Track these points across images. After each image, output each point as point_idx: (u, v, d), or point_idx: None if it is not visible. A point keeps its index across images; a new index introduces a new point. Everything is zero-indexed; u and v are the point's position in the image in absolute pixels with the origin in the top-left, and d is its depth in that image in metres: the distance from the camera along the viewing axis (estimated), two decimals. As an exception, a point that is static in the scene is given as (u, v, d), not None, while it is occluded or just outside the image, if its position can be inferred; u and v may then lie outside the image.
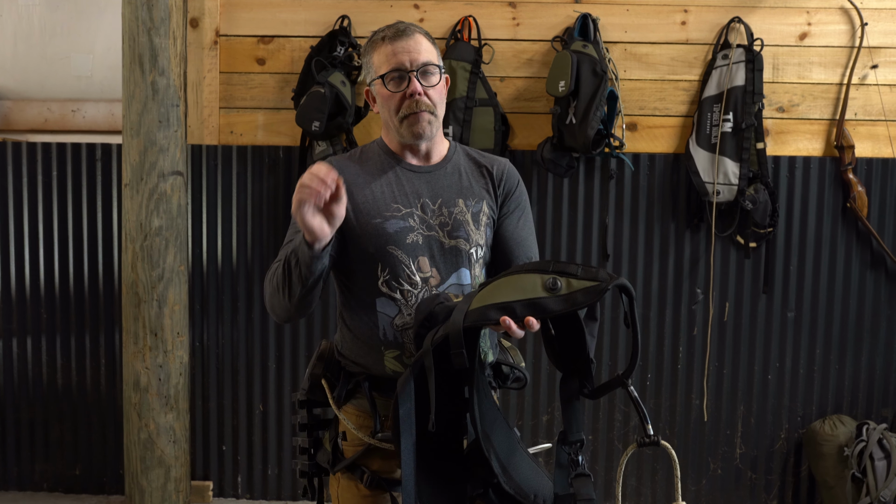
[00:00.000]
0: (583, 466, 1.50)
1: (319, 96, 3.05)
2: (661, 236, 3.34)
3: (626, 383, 1.45)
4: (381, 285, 1.69)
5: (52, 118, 3.48)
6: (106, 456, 3.45)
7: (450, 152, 1.83)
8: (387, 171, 1.77)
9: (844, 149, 3.26)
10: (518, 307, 1.41)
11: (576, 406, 1.53)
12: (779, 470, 3.40)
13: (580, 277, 1.40)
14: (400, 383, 1.48)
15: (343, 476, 1.79)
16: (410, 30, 1.73)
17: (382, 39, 1.73)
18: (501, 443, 1.55)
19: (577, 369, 1.52)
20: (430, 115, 1.72)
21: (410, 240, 1.70)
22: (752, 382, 3.37)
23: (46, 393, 3.45)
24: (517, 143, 3.29)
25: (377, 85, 1.74)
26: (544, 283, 1.41)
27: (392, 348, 1.70)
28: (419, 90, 1.70)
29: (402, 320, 1.68)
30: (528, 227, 1.85)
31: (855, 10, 3.28)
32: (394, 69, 1.71)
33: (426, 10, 3.30)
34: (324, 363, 1.82)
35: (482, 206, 1.77)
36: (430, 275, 1.70)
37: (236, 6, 3.32)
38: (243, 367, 3.39)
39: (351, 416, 1.77)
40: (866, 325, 3.36)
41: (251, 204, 3.35)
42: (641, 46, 3.31)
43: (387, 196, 1.73)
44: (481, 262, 1.76)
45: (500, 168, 1.83)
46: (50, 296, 3.42)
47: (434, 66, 1.72)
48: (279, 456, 3.42)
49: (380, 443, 1.69)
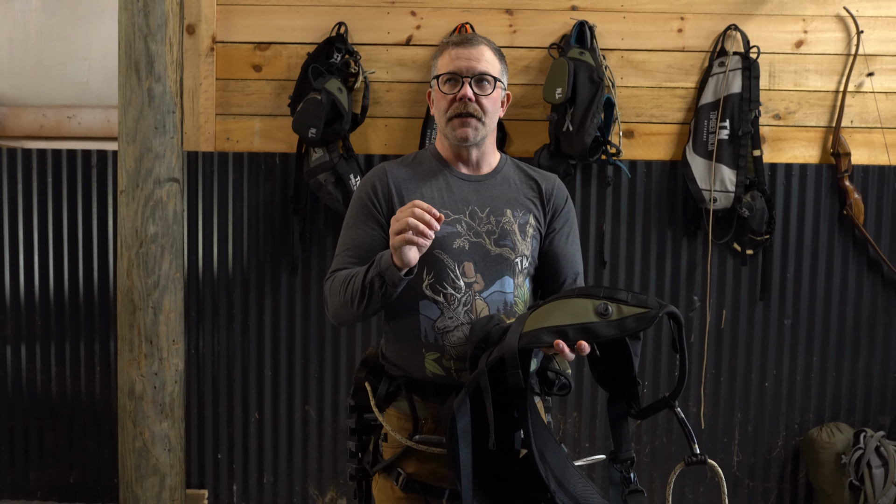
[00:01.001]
0: (635, 483, 1.56)
1: (316, 103, 3.04)
2: (657, 243, 3.34)
3: (673, 405, 1.52)
4: (426, 288, 1.74)
5: (47, 124, 3.47)
6: (101, 464, 3.43)
7: (500, 164, 1.89)
8: (437, 177, 1.83)
9: (841, 156, 3.26)
10: (570, 331, 1.45)
11: (624, 426, 1.59)
12: (776, 477, 3.39)
13: (630, 304, 1.45)
14: (457, 402, 1.53)
15: (380, 477, 1.84)
16: (477, 40, 1.80)
17: (449, 44, 1.80)
18: (553, 458, 1.59)
19: (623, 390, 1.58)
20: (477, 121, 1.78)
21: (457, 245, 1.75)
22: (750, 390, 3.37)
23: (41, 400, 3.43)
24: (514, 150, 3.29)
25: (434, 86, 1.82)
26: (595, 308, 1.46)
27: (433, 350, 1.74)
28: (469, 95, 1.76)
29: (444, 323, 1.73)
30: (575, 244, 1.91)
31: (851, 18, 3.28)
32: (450, 72, 1.78)
33: (423, 17, 3.30)
34: (367, 367, 1.89)
35: (529, 218, 1.82)
36: (475, 280, 1.75)
37: (233, 13, 3.31)
38: (239, 375, 3.38)
39: (391, 418, 1.82)
40: (863, 332, 3.36)
41: (247, 211, 3.34)
42: (638, 54, 3.31)
43: (436, 201, 1.78)
44: (525, 273, 1.81)
45: (549, 184, 1.89)
46: (45, 303, 3.40)
47: (490, 77, 1.78)
48: (275, 464, 3.40)
49: (417, 445, 1.74)
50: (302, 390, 3.37)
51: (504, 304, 1.76)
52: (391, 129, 3.32)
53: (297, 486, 3.40)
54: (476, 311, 1.73)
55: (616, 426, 1.60)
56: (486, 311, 1.73)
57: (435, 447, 1.73)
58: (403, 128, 3.31)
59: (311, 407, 3.38)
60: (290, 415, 3.38)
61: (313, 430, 3.38)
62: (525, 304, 1.80)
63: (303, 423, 3.38)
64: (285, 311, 3.35)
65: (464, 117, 1.76)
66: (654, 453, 3.38)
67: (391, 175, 1.83)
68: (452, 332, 1.72)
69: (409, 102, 3.31)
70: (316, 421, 3.38)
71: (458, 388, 1.71)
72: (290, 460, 3.40)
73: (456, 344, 1.72)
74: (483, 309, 1.73)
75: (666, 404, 1.52)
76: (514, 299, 1.77)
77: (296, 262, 3.32)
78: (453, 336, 1.72)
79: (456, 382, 1.73)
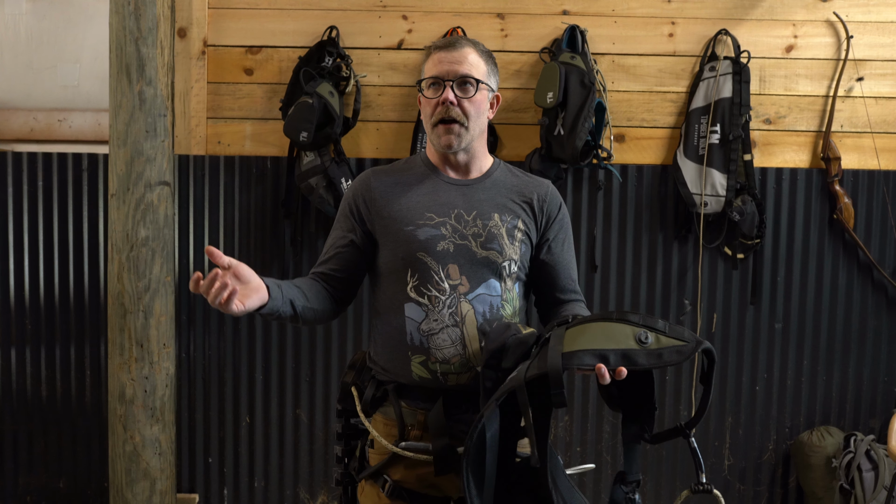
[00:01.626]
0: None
1: (307, 107, 3.04)
2: (648, 247, 3.34)
3: (688, 434, 1.53)
4: (410, 291, 1.75)
5: (38, 127, 3.46)
6: (90, 468, 3.42)
7: (492, 168, 1.89)
8: (424, 182, 1.84)
9: (831, 160, 3.28)
10: (612, 356, 1.45)
11: (636, 448, 1.61)
12: (767, 481, 3.40)
13: (668, 335, 1.47)
14: (488, 411, 1.51)
15: (367, 484, 1.83)
16: (461, 43, 1.80)
17: (434, 48, 1.81)
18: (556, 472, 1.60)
19: (640, 414, 1.59)
20: (460, 126, 1.78)
21: (441, 247, 1.75)
22: (740, 394, 3.38)
23: (30, 404, 3.41)
24: (505, 154, 3.30)
25: (421, 93, 1.83)
26: (636, 335, 1.47)
27: (418, 353, 1.74)
28: (451, 99, 1.76)
29: (429, 325, 1.73)
30: (570, 251, 1.93)
31: (840, 23, 3.30)
32: (433, 76, 1.79)
33: (415, 21, 3.31)
34: (354, 372, 1.88)
35: (518, 222, 1.82)
36: (460, 282, 1.75)
37: (224, 16, 3.31)
38: (230, 379, 3.37)
39: (378, 424, 1.82)
40: (853, 335, 3.37)
41: (238, 214, 3.34)
42: (629, 58, 3.32)
43: (421, 205, 1.79)
44: (514, 277, 1.81)
45: (542, 191, 1.89)
46: (35, 306, 3.39)
47: (472, 80, 1.78)
48: (266, 468, 3.39)
49: (403, 452, 1.73)
50: (293, 394, 3.37)
51: (490, 307, 1.76)
52: (382, 133, 3.32)
53: (287, 491, 3.39)
54: (461, 313, 1.73)
55: (629, 448, 1.61)
56: (471, 313, 1.74)
57: (422, 454, 1.72)
58: (395, 131, 3.31)
59: (302, 411, 3.37)
60: (282, 419, 3.38)
61: (304, 434, 3.38)
62: (513, 307, 1.80)
63: (294, 427, 3.38)
64: (276, 314, 3.34)
65: (447, 123, 1.77)
66: (660, 476, 3.38)
67: (375, 182, 1.85)
68: (437, 335, 1.73)
69: (401, 106, 3.31)
70: (307, 425, 3.37)
71: (445, 394, 1.72)
72: (282, 464, 3.39)
73: (441, 346, 1.72)
74: (468, 311, 1.73)
75: (681, 433, 1.54)
76: (502, 302, 1.77)
77: (287, 265, 3.32)
78: (438, 338, 1.72)
79: (443, 386, 1.73)
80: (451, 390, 1.73)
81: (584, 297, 1.91)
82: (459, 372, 1.72)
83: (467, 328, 1.73)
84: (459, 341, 1.73)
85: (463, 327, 1.73)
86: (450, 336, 1.72)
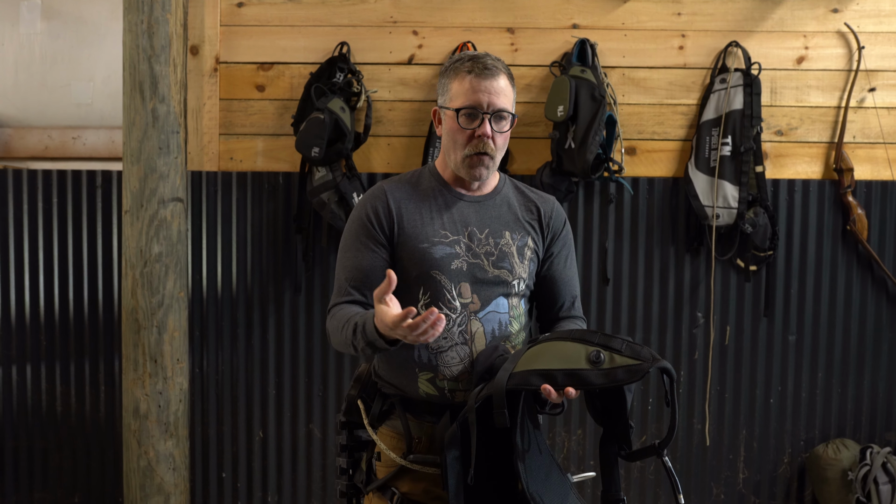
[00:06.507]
0: None
1: (319, 122, 3.06)
2: (660, 260, 3.34)
3: (662, 453, 1.53)
4: (421, 308, 1.74)
5: (52, 145, 3.50)
6: (105, 483, 3.43)
7: (499, 184, 1.89)
8: (437, 198, 1.82)
9: (843, 172, 3.26)
10: (560, 376, 1.47)
11: (615, 467, 1.62)
12: (782, 495, 3.37)
13: (624, 354, 1.47)
14: (448, 435, 1.57)
15: (374, 496, 1.84)
16: (497, 70, 1.76)
17: (468, 71, 1.75)
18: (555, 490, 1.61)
19: (616, 432, 1.60)
20: (489, 159, 1.77)
21: (455, 266, 1.75)
22: (754, 406, 3.36)
23: (45, 420, 3.43)
24: (516, 168, 3.30)
25: (448, 115, 1.78)
26: (588, 354, 1.48)
27: (426, 370, 1.74)
28: (488, 133, 1.74)
29: (438, 343, 1.73)
30: (573, 267, 1.92)
31: (852, 33, 3.29)
32: (470, 106, 1.74)
33: (425, 37, 3.32)
34: (360, 385, 1.88)
35: (528, 240, 1.83)
36: (471, 301, 1.75)
37: (236, 34, 3.34)
38: (243, 394, 3.38)
39: (385, 437, 1.82)
40: (868, 347, 3.35)
41: (251, 230, 3.35)
42: (639, 71, 3.32)
43: (435, 222, 1.78)
44: (521, 294, 1.81)
45: (548, 207, 1.89)
46: (50, 322, 3.41)
47: (508, 114, 1.77)
48: (279, 483, 3.40)
49: (411, 464, 1.74)
50: (306, 409, 3.37)
51: (499, 325, 1.76)
52: (394, 148, 3.33)
53: (301, 505, 3.40)
54: (471, 332, 1.73)
55: (607, 467, 1.62)
56: (480, 331, 1.74)
57: (429, 467, 1.73)
58: (406, 146, 3.32)
59: (314, 426, 3.38)
60: (294, 434, 3.38)
61: (317, 449, 3.38)
62: (520, 323, 1.81)
63: (307, 442, 3.38)
64: (289, 329, 3.36)
65: (480, 156, 1.75)
66: (644, 492, 3.37)
67: (391, 195, 1.81)
68: (447, 353, 1.73)
69: (412, 121, 3.32)
70: (320, 440, 3.38)
71: (452, 408, 1.72)
72: (295, 480, 3.39)
73: (450, 364, 1.72)
74: (478, 329, 1.74)
75: (654, 452, 1.54)
76: (510, 319, 1.78)
77: (299, 281, 3.33)
78: (447, 356, 1.73)
79: (450, 402, 1.73)
80: (458, 406, 1.73)
81: (597, 310, 1.91)
82: (467, 389, 1.72)
83: (476, 346, 1.73)
84: (468, 359, 1.73)
85: (472, 345, 1.73)
86: (458, 354, 1.72)
